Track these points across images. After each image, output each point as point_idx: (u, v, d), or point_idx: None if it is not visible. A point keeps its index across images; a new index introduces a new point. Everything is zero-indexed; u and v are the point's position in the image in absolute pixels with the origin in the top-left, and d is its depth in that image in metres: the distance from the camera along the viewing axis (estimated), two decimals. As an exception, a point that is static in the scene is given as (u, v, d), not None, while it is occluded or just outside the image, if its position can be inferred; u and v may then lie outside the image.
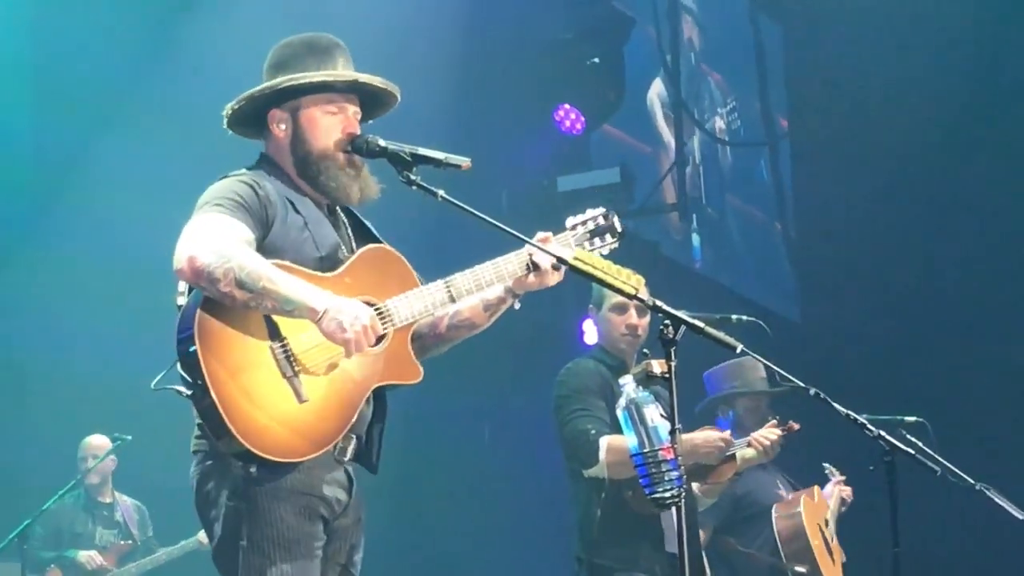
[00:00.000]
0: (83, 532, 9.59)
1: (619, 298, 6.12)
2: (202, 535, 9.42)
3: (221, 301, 3.92)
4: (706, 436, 6.51)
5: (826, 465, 7.73)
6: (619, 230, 4.64)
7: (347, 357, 4.02)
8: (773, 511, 7.14)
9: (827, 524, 7.36)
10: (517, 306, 4.49)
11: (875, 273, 11.31)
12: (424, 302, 4.23)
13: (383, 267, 4.30)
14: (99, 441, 9.52)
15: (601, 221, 4.61)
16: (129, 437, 9.46)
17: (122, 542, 9.66)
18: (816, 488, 7.57)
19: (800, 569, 7.01)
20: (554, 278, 4.39)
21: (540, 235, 4.46)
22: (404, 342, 4.25)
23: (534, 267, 4.35)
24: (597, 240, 4.59)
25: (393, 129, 4.46)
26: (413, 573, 9.88)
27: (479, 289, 4.33)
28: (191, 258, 3.89)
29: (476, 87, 10.08)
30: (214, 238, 3.94)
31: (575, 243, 4.53)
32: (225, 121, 4.34)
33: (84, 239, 9.71)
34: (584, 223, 4.60)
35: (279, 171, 4.29)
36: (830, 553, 7.24)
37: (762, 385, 7.47)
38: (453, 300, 4.29)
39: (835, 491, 7.64)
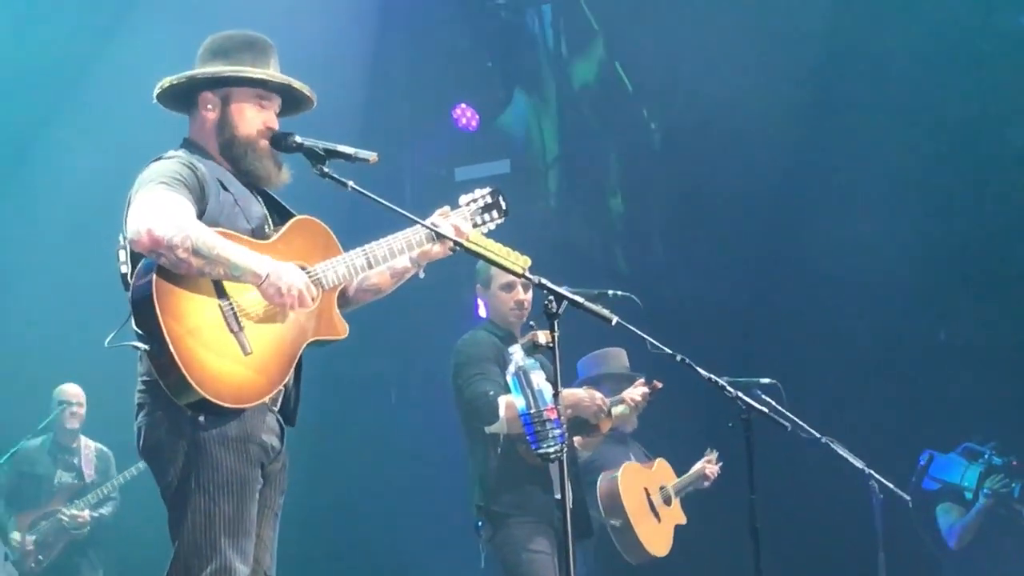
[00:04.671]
0: (44, 474, 9.38)
1: (507, 277, 6.15)
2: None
3: (175, 268, 3.91)
4: (591, 394, 6.58)
5: (709, 449, 7.92)
6: (504, 207, 4.72)
7: (284, 316, 4.07)
8: (600, 475, 7.31)
9: (660, 489, 7.51)
10: (422, 275, 4.57)
11: (737, 253, 11.40)
12: (347, 267, 4.29)
13: (311, 236, 4.34)
14: (73, 389, 9.35)
15: (489, 199, 4.71)
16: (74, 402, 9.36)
17: (74, 482, 9.46)
18: (660, 460, 7.75)
19: (614, 522, 7.19)
20: (455, 248, 4.45)
21: (440, 210, 4.54)
22: (332, 302, 4.31)
23: (438, 238, 4.40)
24: (487, 215, 4.69)
25: (310, 125, 4.46)
26: (325, 526, 9.86)
27: (392, 257, 4.40)
28: (149, 229, 3.87)
29: (383, 88, 10.07)
30: (167, 211, 3.93)
31: (470, 216, 4.59)
32: (157, 91, 4.33)
33: (40, 212, 9.62)
34: (475, 200, 4.68)
35: (204, 153, 4.30)
36: (655, 513, 7.39)
37: (623, 370, 7.61)
38: (370, 266, 4.34)
39: (700, 466, 7.78)
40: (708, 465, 7.82)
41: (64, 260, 9.31)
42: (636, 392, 6.90)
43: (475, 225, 4.62)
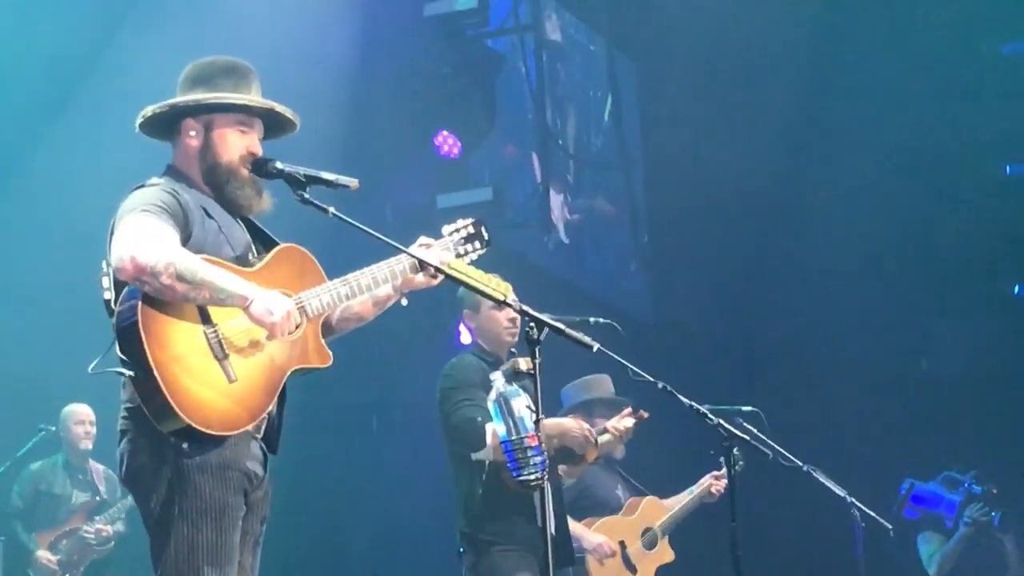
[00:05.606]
0: (61, 494, 9.34)
1: (497, 297, 6.14)
2: None
3: (160, 294, 3.90)
4: (579, 423, 6.57)
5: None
6: (487, 237, 4.74)
7: (270, 340, 4.06)
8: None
9: (643, 534, 7.46)
10: (404, 302, 4.56)
11: (717, 279, 11.43)
12: (331, 295, 4.27)
13: (295, 264, 4.33)
14: (84, 409, 9.30)
15: (472, 229, 4.73)
16: (53, 428, 9.32)
17: (90, 500, 9.35)
18: (649, 499, 7.69)
19: None
20: (437, 278, 4.46)
21: (422, 240, 4.56)
22: (316, 330, 4.29)
23: (421, 267, 4.41)
24: (469, 246, 4.70)
25: (291, 151, 4.47)
26: (306, 553, 9.82)
27: (376, 286, 4.39)
28: (133, 256, 3.86)
29: (364, 114, 10.07)
30: (150, 238, 3.93)
31: (452, 247, 4.60)
32: (140, 120, 4.32)
33: (21, 235, 9.59)
34: (458, 230, 4.69)
35: (187, 180, 4.28)
36: (630, 568, 7.33)
37: (610, 395, 7.61)
38: (354, 295, 4.34)
39: (707, 483, 7.70)
40: (715, 482, 7.69)
41: (49, 284, 9.26)
42: (622, 423, 6.89)
43: (458, 255, 4.62)
